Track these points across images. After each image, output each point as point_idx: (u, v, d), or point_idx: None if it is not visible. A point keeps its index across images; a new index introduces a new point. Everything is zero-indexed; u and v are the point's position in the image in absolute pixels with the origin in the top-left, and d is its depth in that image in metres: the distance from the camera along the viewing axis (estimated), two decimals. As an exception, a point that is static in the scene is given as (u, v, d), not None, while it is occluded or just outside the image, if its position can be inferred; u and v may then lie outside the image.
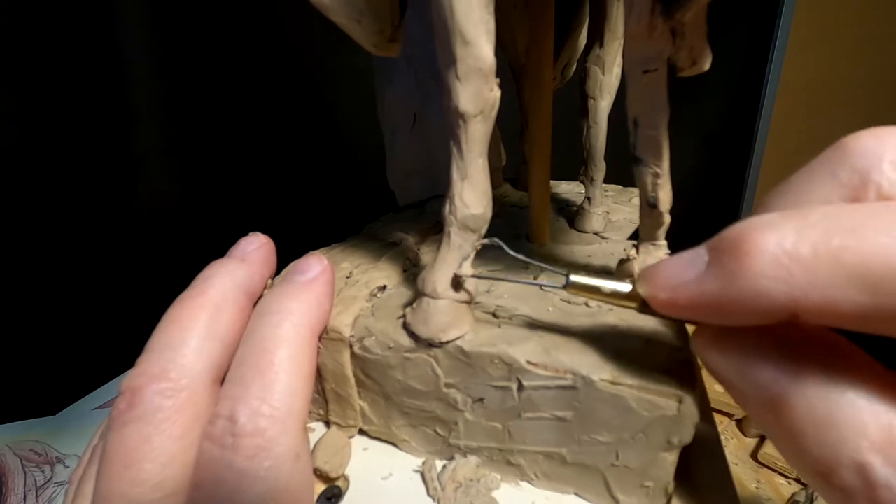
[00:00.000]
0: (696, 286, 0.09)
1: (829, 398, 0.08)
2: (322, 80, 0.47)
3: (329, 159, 0.50)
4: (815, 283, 0.07)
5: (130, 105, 0.40)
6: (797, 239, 0.07)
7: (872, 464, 0.07)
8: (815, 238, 0.07)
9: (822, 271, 0.07)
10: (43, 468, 0.31)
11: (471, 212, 0.13)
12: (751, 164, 0.68)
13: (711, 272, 0.08)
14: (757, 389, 0.08)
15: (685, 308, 0.09)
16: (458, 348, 0.13)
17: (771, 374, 0.08)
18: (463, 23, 0.11)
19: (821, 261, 0.07)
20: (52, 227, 0.39)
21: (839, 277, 0.07)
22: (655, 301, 0.10)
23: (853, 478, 0.07)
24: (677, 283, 0.09)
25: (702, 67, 0.13)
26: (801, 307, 0.07)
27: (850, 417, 0.07)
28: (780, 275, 0.07)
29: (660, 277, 0.10)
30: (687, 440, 0.11)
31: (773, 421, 0.08)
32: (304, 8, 0.15)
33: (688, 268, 0.09)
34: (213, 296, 0.13)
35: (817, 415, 0.08)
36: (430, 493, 0.14)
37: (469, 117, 0.12)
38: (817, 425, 0.08)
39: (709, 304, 0.09)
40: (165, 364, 0.11)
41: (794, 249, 0.07)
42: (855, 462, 0.07)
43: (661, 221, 0.15)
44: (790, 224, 0.08)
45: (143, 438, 0.11)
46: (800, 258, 0.07)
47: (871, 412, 0.07)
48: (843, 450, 0.07)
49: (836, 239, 0.07)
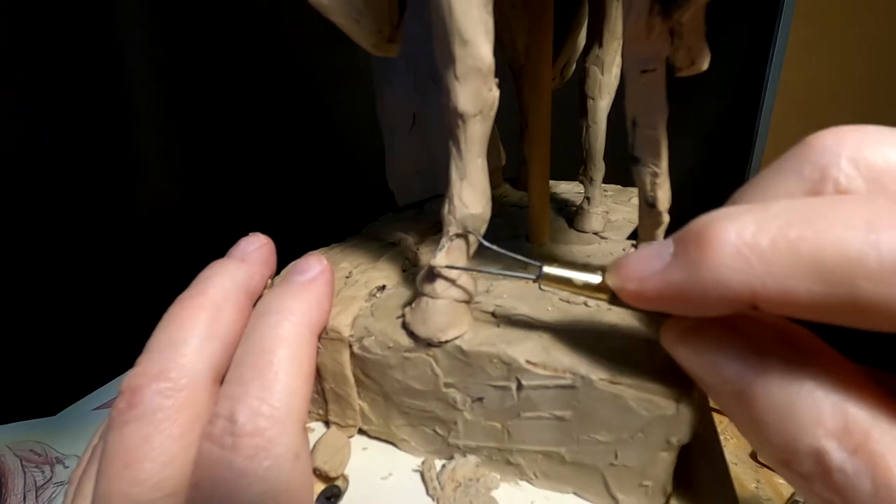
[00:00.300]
0: (662, 277, 0.09)
1: (788, 389, 0.08)
2: (322, 80, 0.47)
3: (329, 159, 0.50)
4: (773, 272, 0.07)
5: (130, 105, 0.40)
6: (756, 230, 0.08)
7: (827, 449, 0.07)
8: (773, 229, 0.08)
9: (779, 261, 0.07)
10: (43, 468, 0.31)
11: (470, 212, 0.13)
12: (751, 164, 0.68)
13: (676, 263, 0.09)
14: (723, 383, 0.09)
15: (652, 299, 0.09)
16: (457, 348, 0.13)
17: (735, 367, 0.09)
18: (461, 22, 0.11)
19: (778, 251, 0.07)
20: (52, 227, 0.39)
21: (795, 267, 0.07)
22: (624, 292, 0.10)
23: (811, 463, 0.08)
24: (644, 274, 0.09)
25: (700, 67, 0.13)
26: (760, 296, 0.08)
27: (807, 407, 0.08)
28: (740, 265, 0.08)
29: (627, 268, 0.10)
30: (686, 440, 0.11)
31: (740, 412, 0.09)
32: (303, 8, 0.15)
33: (654, 259, 0.09)
34: (213, 296, 0.13)
35: (778, 405, 0.08)
36: (429, 492, 0.14)
37: (468, 117, 0.12)
38: (778, 415, 0.08)
39: (674, 295, 0.09)
40: (165, 364, 0.11)
41: (754, 240, 0.08)
42: (812, 448, 0.08)
43: (659, 221, 0.15)
44: (751, 216, 0.08)
45: (143, 438, 0.11)
46: (758, 248, 0.08)
47: (827, 401, 0.08)
48: (802, 437, 0.08)
49: (793, 230, 0.07)
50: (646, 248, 0.10)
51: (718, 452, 0.15)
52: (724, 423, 0.45)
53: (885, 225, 0.07)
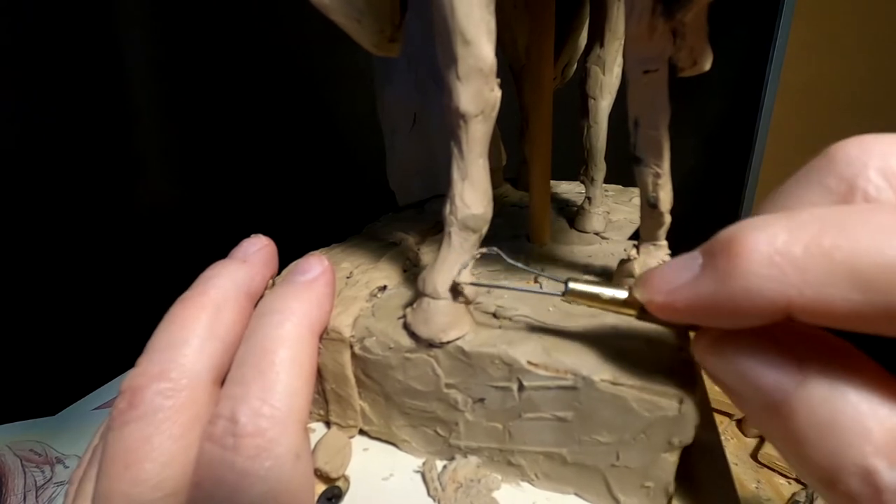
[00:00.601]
0: (692, 289, 0.09)
1: (831, 402, 0.07)
2: (322, 80, 0.47)
3: (329, 159, 0.50)
4: (808, 281, 0.07)
5: (130, 105, 0.40)
6: (789, 238, 0.08)
7: (878, 468, 0.07)
8: (806, 237, 0.07)
9: (814, 269, 0.07)
10: (43, 468, 0.31)
11: (471, 212, 0.13)
12: (751, 164, 0.68)
13: (706, 274, 0.09)
14: (758, 394, 0.08)
15: (682, 311, 0.09)
16: (458, 348, 0.13)
17: (772, 378, 0.08)
18: (464, 22, 0.11)
19: (813, 259, 0.07)
20: (52, 227, 0.38)
21: (831, 275, 0.07)
22: (653, 305, 0.10)
23: (858, 483, 0.07)
24: (673, 287, 0.09)
25: (702, 67, 0.13)
26: (796, 306, 0.07)
27: (853, 421, 0.07)
28: (773, 273, 0.07)
29: (656, 281, 0.10)
30: (688, 440, 0.11)
31: (775, 426, 0.08)
32: (303, 8, 0.15)
33: (683, 271, 0.09)
34: (214, 296, 0.13)
35: (820, 419, 0.07)
36: (430, 493, 0.14)
37: (470, 117, 0.12)
38: (820, 430, 0.07)
39: (705, 307, 0.09)
40: (166, 364, 0.11)
41: (786, 248, 0.07)
42: (860, 467, 0.07)
43: (661, 221, 0.15)
44: (781, 224, 0.08)
45: (144, 438, 0.11)
46: (792, 257, 0.07)
47: (874, 415, 0.07)
48: (848, 455, 0.07)
49: (827, 238, 0.07)
50: (673, 260, 0.10)
51: (720, 453, 0.15)
52: (724, 424, 0.45)
53: None
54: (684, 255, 0.09)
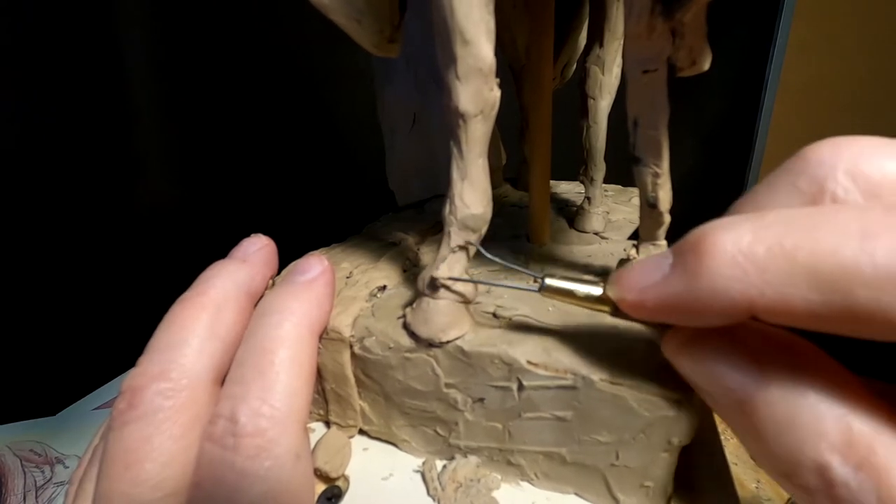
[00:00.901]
0: (662, 287, 0.09)
1: (790, 401, 0.08)
2: (322, 80, 0.47)
3: (329, 159, 0.50)
4: (770, 281, 0.07)
5: (130, 105, 0.40)
6: (753, 239, 0.08)
7: (831, 463, 0.07)
8: (769, 238, 0.08)
9: (776, 270, 0.07)
10: (42, 468, 0.31)
11: (471, 212, 0.13)
12: (751, 164, 0.68)
13: (675, 273, 0.09)
14: (724, 393, 0.09)
15: (652, 310, 0.09)
16: (458, 348, 0.13)
17: (736, 378, 0.08)
18: (463, 22, 0.11)
19: (775, 260, 0.07)
20: (52, 227, 0.39)
21: (792, 276, 0.07)
22: (624, 303, 0.10)
23: (814, 477, 0.07)
24: (644, 285, 0.09)
25: (701, 67, 0.13)
26: (758, 305, 0.08)
27: (810, 419, 0.08)
28: (737, 273, 0.08)
29: (628, 280, 0.10)
30: (687, 440, 0.11)
31: (741, 423, 0.09)
32: (303, 8, 0.15)
33: (654, 270, 0.09)
34: (214, 296, 0.13)
35: (779, 417, 0.08)
36: (430, 493, 0.14)
37: (469, 117, 0.12)
38: (780, 427, 0.08)
39: (673, 305, 0.09)
40: (166, 364, 0.11)
41: (750, 249, 0.08)
42: (815, 462, 0.07)
43: (661, 221, 0.15)
44: (747, 225, 0.08)
45: (144, 438, 0.11)
46: (755, 257, 0.08)
47: (830, 414, 0.07)
48: (804, 450, 0.08)
49: (789, 239, 0.07)
50: (645, 259, 0.10)
51: (720, 453, 0.15)
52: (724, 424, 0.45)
53: (880, 233, 0.07)
54: (656, 254, 0.10)
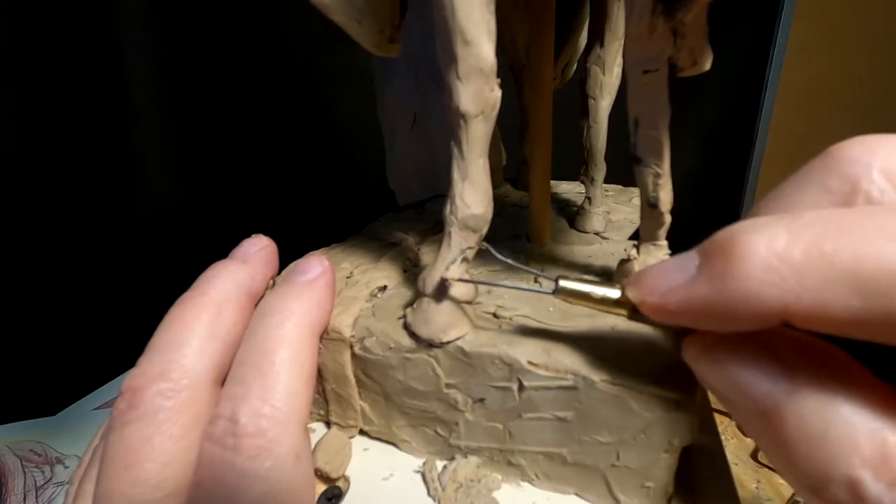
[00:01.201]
0: (687, 290, 0.09)
1: (822, 412, 0.07)
2: (322, 80, 0.47)
3: (329, 159, 0.50)
4: (807, 286, 0.07)
5: (130, 105, 0.40)
6: (789, 241, 0.07)
7: (864, 480, 0.07)
8: (807, 240, 0.07)
9: (814, 274, 0.07)
10: (43, 468, 0.31)
11: (472, 212, 0.13)
12: (751, 164, 0.68)
13: (702, 275, 0.08)
14: (749, 401, 0.08)
15: (675, 313, 0.09)
16: (458, 349, 0.13)
17: (763, 385, 0.08)
18: (464, 22, 0.11)
19: (813, 263, 0.07)
20: (52, 227, 0.38)
21: (832, 280, 0.07)
22: (645, 306, 0.10)
23: (844, 493, 0.07)
24: (667, 288, 0.09)
25: (702, 67, 0.13)
26: (793, 311, 0.07)
27: (842, 432, 0.07)
28: (772, 278, 0.07)
29: (649, 281, 0.09)
30: (688, 441, 0.11)
31: (766, 433, 0.08)
32: (303, 8, 0.15)
33: (678, 272, 0.09)
34: (214, 296, 0.13)
35: (810, 429, 0.07)
36: (430, 493, 0.14)
37: (470, 117, 0.12)
38: (810, 439, 0.07)
39: (699, 309, 0.08)
40: (166, 364, 0.11)
41: (786, 252, 0.07)
42: (846, 477, 0.07)
43: (661, 221, 0.15)
44: (781, 226, 0.08)
45: (144, 439, 0.11)
46: (791, 261, 0.07)
47: (863, 427, 0.07)
48: (835, 465, 0.07)
49: (828, 241, 0.07)
50: (668, 260, 0.09)
51: (720, 453, 0.15)
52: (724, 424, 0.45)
53: None
54: (680, 255, 0.09)
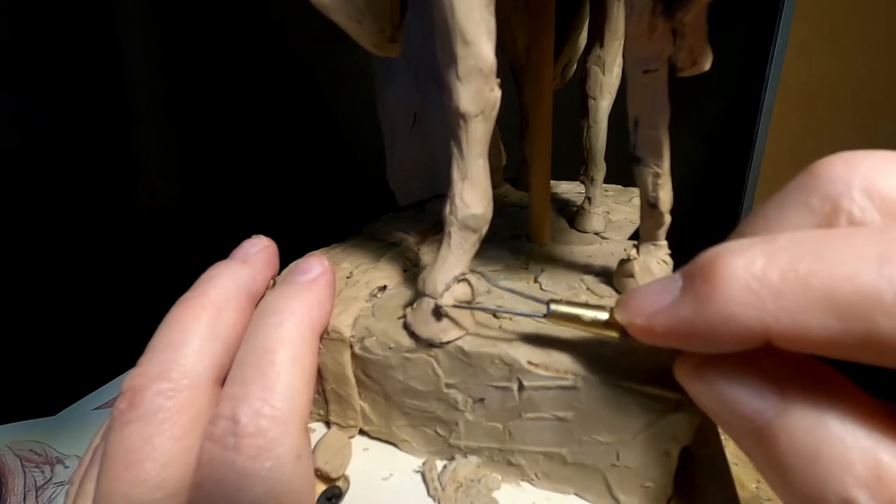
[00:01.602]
0: (672, 312, 0.09)
1: (813, 431, 0.07)
2: (322, 80, 0.47)
3: (329, 159, 0.50)
4: (785, 308, 0.07)
5: (130, 105, 0.40)
6: (765, 263, 0.07)
7: (857, 499, 0.07)
8: (783, 263, 0.07)
9: (790, 296, 0.07)
10: (43, 468, 0.31)
11: (472, 212, 0.13)
12: (751, 164, 0.68)
13: (685, 298, 0.08)
14: (741, 420, 0.08)
15: (662, 335, 0.09)
16: (458, 348, 0.13)
17: (754, 403, 0.08)
18: (464, 22, 0.11)
19: (789, 286, 0.07)
20: (52, 227, 0.39)
21: (808, 302, 0.07)
22: (633, 328, 0.10)
23: None
24: (653, 310, 0.09)
25: (702, 67, 0.13)
26: (774, 333, 0.07)
27: (834, 451, 0.07)
28: (750, 300, 0.07)
29: (636, 304, 0.10)
30: (688, 440, 0.11)
31: (758, 451, 0.08)
32: (303, 7, 0.15)
33: (663, 294, 0.09)
34: (214, 296, 0.13)
35: (802, 448, 0.07)
36: (430, 493, 0.14)
37: (470, 117, 0.12)
38: (802, 459, 0.07)
39: (684, 331, 0.09)
40: (166, 364, 0.11)
41: (763, 274, 0.07)
42: (840, 497, 0.07)
43: (661, 221, 0.15)
44: (758, 249, 0.08)
45: (144, 438, 0.11)
46: (768, 283, 0.07)
47: (855, 446, 0.07)
48: (828, 485, 0.07)
49: (803, 264, 0.07)
50: (653, 282, 0.10)
51: (720, 453, 0.15)
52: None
53: None
54: (664, 277, 0.09)
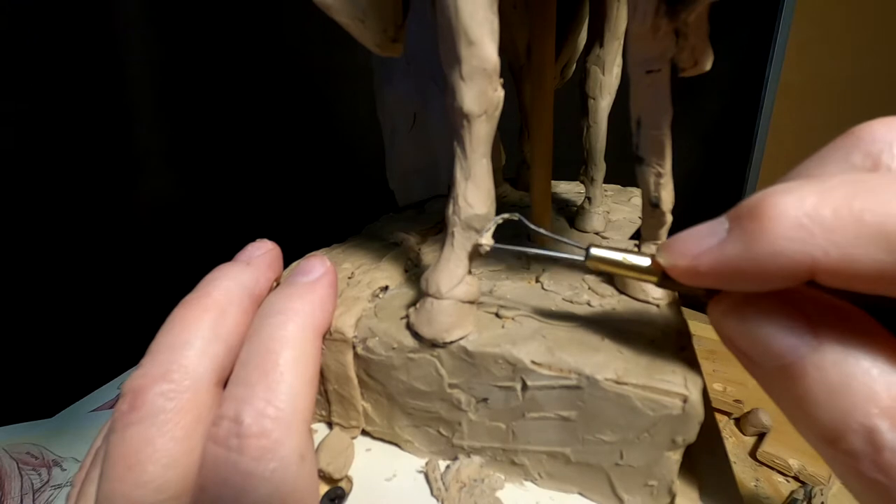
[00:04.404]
0: (718, 252, 0.09)
1: (842, 365, 0.08)
2: (322, 80, 0.47)
3: (329, 159, 0.50)
4: (836, 241, 0.07)
5: (130, 105, 0.40)
6: (818, 201, 0.08)
7: (880, 428, 0.07)
8: (836, 200, 0.08)
9: (842, 231, 0.07)
10: (40, 471, 0.31)
11: (475, 211, 0.13)
12: (751, 164, 0.68)
13: (732, 237, 0.09)
14: (772, 357, 0.09)
15: (706, 275, 0.09)
16: (461, 348, 0.13)
17: (788, 340, 0.08)
18: (468, 23, 0.11)
19: (842, 221, 0.07)
20: (51, 227, 0.38)
21: (860, 236, 0.07)
22: (676, 270, 0.10)
23: (861, 442, 0.07)
24: (698, 251, 0.09)
25: (703, 67, 0.13)
26: (822, 267, 0.08)
27: (861, 384, 0.08)
28: (801, 235, 0.08)
29: (681, 246, 0.10)
30: (691, 439, 0.12)
31: (785, 388, 0.09)
32: (304, 7, 0.14)
33: (709, 235, 0.09)
34: (217, 298, 0.13)
35: (830, 381, 0.08)
36: (433, 493, 0.14)
37: (473, 117, 0.12)
38: (829, 392, 0.08)
39: (729, 269, 0.09)
40: (168, 365, 0.11)
41: (815, 211, 0.08)
42: (863, 426, 0.07)
43: (663, 221, 0.15)
44: (811, 188, 0.08)
45: (146, 440, 0.11)
46: (821, 219, 0.08)
47: (882, 379, 0.08)
48: (853, 415, 0.08)
49: (856, 201, 0.07)
50: (698, 226, 0.10)
51: (721, 451, 0.15)
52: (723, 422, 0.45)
53: None
54: (710, 221, 0.10)
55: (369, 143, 0.30)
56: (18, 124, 0.36)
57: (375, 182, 0.28)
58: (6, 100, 0.35)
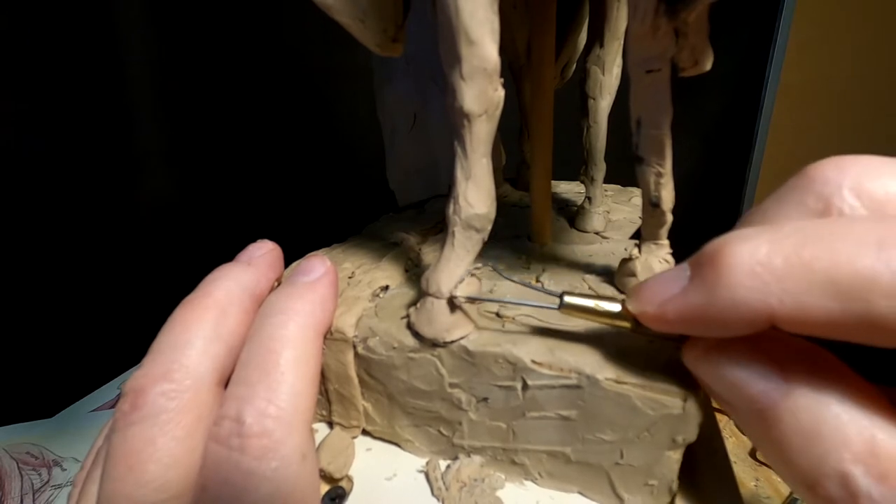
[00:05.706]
0: (681, 300, 0.09)
1: (814, 411, 0.08)
2: (322, 80, 0.47)
3: (329, 159, 0.50)
4: (789, 290, 0.08)
5: (130, 105, 0.40)
6: (770, 249, 0.08)
7: (854, 474, 0.07)
8: (787, 249, 0.08)
9: (794, 279, 0.08)
10: (40, 471, 0.31)
11: (475, 211, 0.13)
12: (751, 164, 0.68)
13: (693, 285, 0.09)
14: (746, 402, 0.09)
15: (673, 322, 0.10)
16: (462, 348, 0.13)
17: (760, 386, 0.09)
18: (468, 22, 0.11)
19: (793, 269, 0.08)
20: (52, 227, 0.38)
21: (811, 285, 0.07)
22: (645, 317, 0.10)
23: (837, 488, 0.07)
24: (664, 298, 0.10)
25: (703, 67, 0.13)
26: (778, 314, 0.08)
27: (833, 429, 0.08)
28: (756, 284, 0.08)
29: (647, 293, 0.10)
30: (692, 438, 0.12)
31: (762, 432, 0.09)
32: (304, 7, 0.15)
33: (672, 283, 0.09)
34: (218, 298, 0.13)
35: (803, 427, 0.08)
36: (434, 493, 0.14)
37: (473, 117, 0.12)
38: (803, 437, 0.08)
39: (694, 317, 0.09)
40: (169, 365, 0.11)
41: (768, 260, 0.08)
42: (838, 473, 0.07)
43: (663, 221, 0.15)
44: (764, 236, 0.08)
45: (147, 440, 0.11)
46: (773, 268, 0.08)
47: (853, 424, 0.08)
48: (827, 461, 0.08)
49: (806, 249, 0.08)
50: (663, 273, 0.10)
51: (721, 451, 0.15)
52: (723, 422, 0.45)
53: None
54: (674, 267, 0.10)
55: (369, 143, 0.30)
56: (18, 124, 0.36)
57: (375, 182, 0.28)
58: (6, 100, 0.35)
